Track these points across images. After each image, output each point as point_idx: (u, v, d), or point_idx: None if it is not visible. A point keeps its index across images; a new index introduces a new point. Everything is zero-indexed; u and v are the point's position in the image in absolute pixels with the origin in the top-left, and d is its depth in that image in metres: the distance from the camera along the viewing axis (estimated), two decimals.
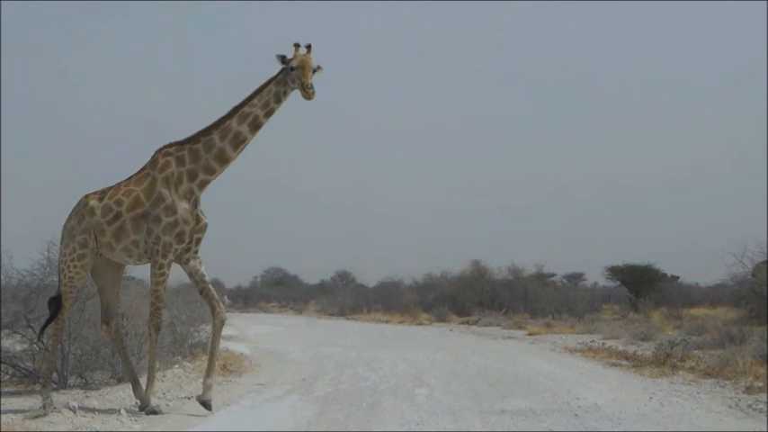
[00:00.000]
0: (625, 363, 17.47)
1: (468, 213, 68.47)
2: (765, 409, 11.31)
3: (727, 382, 13.96)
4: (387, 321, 39.56)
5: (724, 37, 72.02)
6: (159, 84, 73.84)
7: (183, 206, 11.02)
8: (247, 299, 58.67)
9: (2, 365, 13.45)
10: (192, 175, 11.09)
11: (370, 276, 58.49)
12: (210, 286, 11.36)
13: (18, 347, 13.99)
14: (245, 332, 27.53)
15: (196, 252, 11.30)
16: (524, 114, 74.09)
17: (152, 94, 73.42)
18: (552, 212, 65.35)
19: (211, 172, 11.13)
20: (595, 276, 48.90)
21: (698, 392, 13.06)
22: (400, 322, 38.38)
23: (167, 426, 10.25)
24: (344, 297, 49.52)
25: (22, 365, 13.53)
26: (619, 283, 41.09)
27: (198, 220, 11.18)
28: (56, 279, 13.70)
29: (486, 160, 72.41)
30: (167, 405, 11.72)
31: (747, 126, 65.68)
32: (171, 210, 10.96)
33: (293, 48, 11.00)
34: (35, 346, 13.54)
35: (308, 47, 11.00)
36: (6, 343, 13.85)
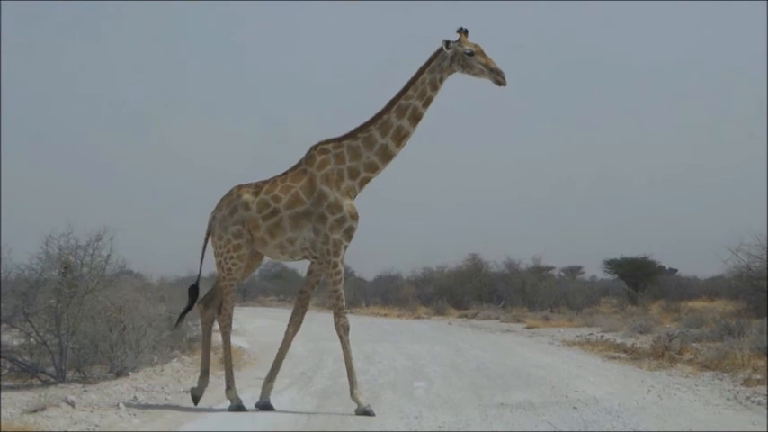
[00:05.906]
0: (623, 355, 17.49)
1: (466, 207, 68.47)
2: (763, 401, 11.33)
3: (725, 374, 13.98)
4: (385, 315, 39.50)
5: (723, 32, 72.05)
6: (158, 83, 73.77)
7: (347, 203, 10.81)
8: (246, 292, 58.50)
9: (0, 360, 13.43)
10: (354, 173, 10.87)
11: (368, 270, 58.35)
12: (310, 297, 11.36)
13: (16, 342, 13.96)
14: (245, 326, 27.47)
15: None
16: (520, 108, 74.10)
17: (152, 94, 73.36)
18: (550, 205, 65.39)
19: (374, 169, 10.90)
20: (593, 269, 48.87)
21: (696, 385, 13.08)
22: (399, 316, 38.34)
23: (166, 420, 10.23)
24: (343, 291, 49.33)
25: (21, 359, 13.51)
26: (617, 276, 41.07)
27: None
28: (55, 273, 13.71)
29: (483, 153, 72.45)
30: (166, 399, 11.73)
31: (744, 119, 65.71)
32: (336, 207, 10.74)
33: (457, 34, 10.61)
34: (32, 340, 13.52)
35: (466, 31, 10.65)
36: (5, 337, 13.83)
